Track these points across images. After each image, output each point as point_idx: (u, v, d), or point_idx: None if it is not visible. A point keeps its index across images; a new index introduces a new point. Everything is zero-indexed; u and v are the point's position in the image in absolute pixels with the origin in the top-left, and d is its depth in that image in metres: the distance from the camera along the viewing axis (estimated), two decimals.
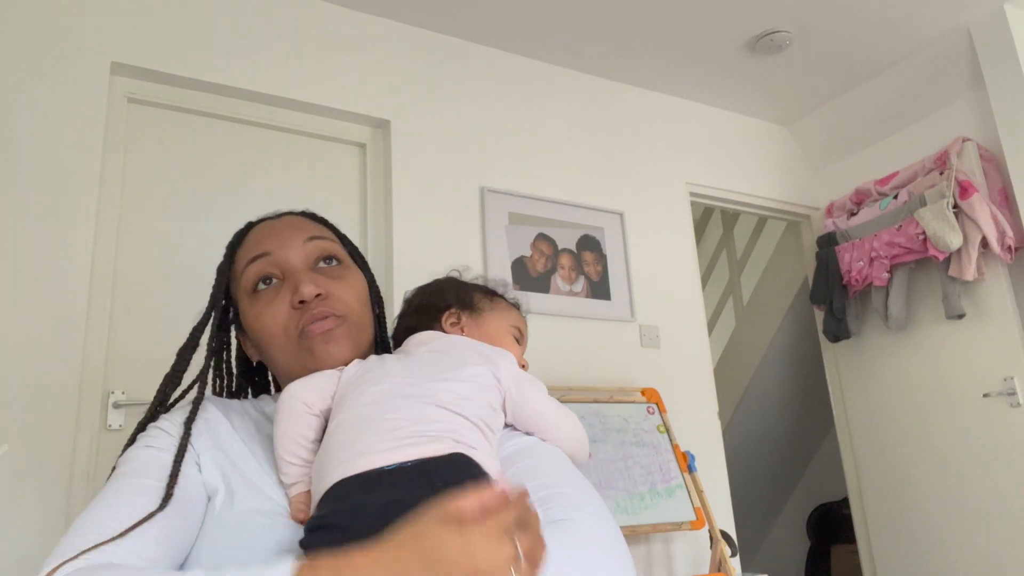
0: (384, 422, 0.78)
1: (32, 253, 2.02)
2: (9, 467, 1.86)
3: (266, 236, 0.97)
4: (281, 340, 0.92)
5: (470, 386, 0.85)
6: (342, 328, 0.92)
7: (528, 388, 0.92)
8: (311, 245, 0.96)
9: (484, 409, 0.85)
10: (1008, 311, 2.87)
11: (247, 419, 0.93)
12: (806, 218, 3.74)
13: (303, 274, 0.92)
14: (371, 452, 0.75)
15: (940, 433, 3.08)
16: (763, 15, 2.89)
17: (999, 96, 2.91)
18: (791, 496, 4.61)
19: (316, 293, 0.90)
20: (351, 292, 0.95)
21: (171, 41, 2.37)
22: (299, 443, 0.84)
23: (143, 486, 0.80)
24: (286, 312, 0.91)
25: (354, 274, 0.99)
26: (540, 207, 2.91)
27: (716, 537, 2.52)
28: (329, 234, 1.01)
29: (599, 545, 0.74)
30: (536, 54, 3.07)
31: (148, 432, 0.89)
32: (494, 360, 0.91)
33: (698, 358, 3.11)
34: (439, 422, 0.78)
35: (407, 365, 0.88)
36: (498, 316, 1.05)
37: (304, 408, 0.85)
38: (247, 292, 0.95)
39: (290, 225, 0.99)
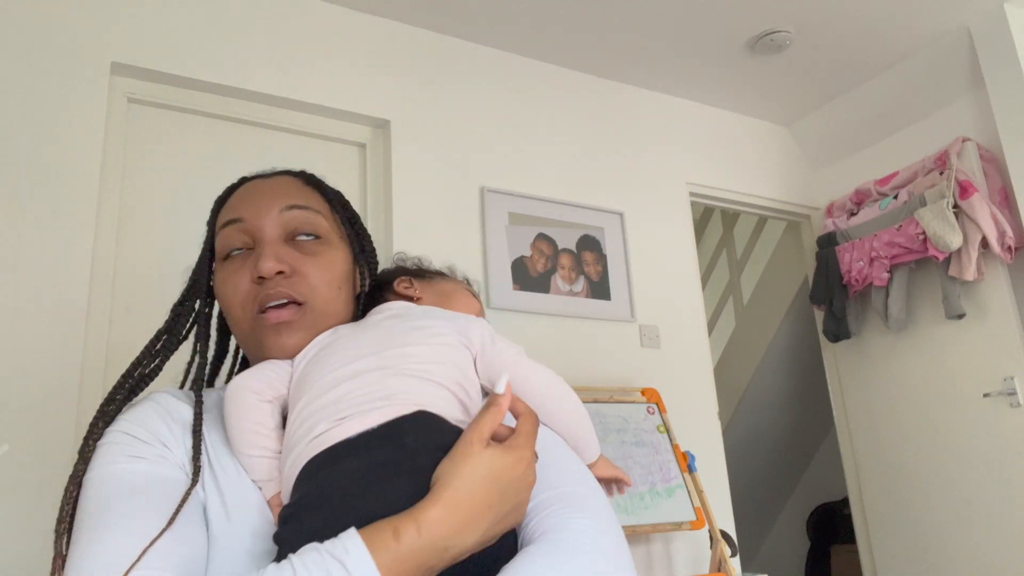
0: (345, 398, 0.75)
1: (32, 253, 2.02)
2: (9, 467, 1.86)
3: (246, 199, 0.91)
4: (238, 314, 0.86)
5: (435, 350, 0.80)
6: (300, 319, 0.84)
7: (497, 344, 0.86)
8: (288, 215, 0.89)
9: (454, 371, 0.80)
10: (1008, 311, 2.88)
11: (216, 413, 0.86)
12: (806, 218, 3.74)
13: (268, 247, 0.85)
14: (334, 428, 0.72)
15: (940, 433, 3.08)
16: (763, 15, 2.89)
17: (999, 96, 2.91)
18: (791, 496, 4.61)
19: (278, 270, 0.84)
20: (322, 273, 0.87)
21: (171, 41, 2.37)
22: (258, 432, 0.79)
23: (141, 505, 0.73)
24: (246, 285, 0.85)
25: (332, 251, 0.90)
26: (540, 207, 2.91)
27: (716, 537, 2.52)
28: (316, 202, 0.93)
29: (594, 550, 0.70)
30: (536, 54, 3.07)
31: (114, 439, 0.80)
32: (460, 321, 0.86)
33: (698, 358, 3.11)
34: (404, 391, 0.75)
35: (365, 334, 0.83)
36: (449, 280, 1.06)
37: (254, 396, 0.80)
38: (219, 256, 0.90)
39: (274, 189, 0.92)
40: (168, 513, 0.72)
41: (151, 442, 0.79)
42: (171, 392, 0.87)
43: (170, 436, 0.80)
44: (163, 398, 0.85)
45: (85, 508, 0.74)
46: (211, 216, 0.94)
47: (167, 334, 0.92)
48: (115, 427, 0.82)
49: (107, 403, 0.85)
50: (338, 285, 0.89)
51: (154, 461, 0.77)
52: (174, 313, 0.93)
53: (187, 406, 0.84)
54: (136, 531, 0.69)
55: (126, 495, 0.73)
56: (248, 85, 2.45)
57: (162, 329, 0.92)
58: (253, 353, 0.87)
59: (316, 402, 0.76)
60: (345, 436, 0.71)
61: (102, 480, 0.76)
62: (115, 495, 0.73)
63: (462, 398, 0.79)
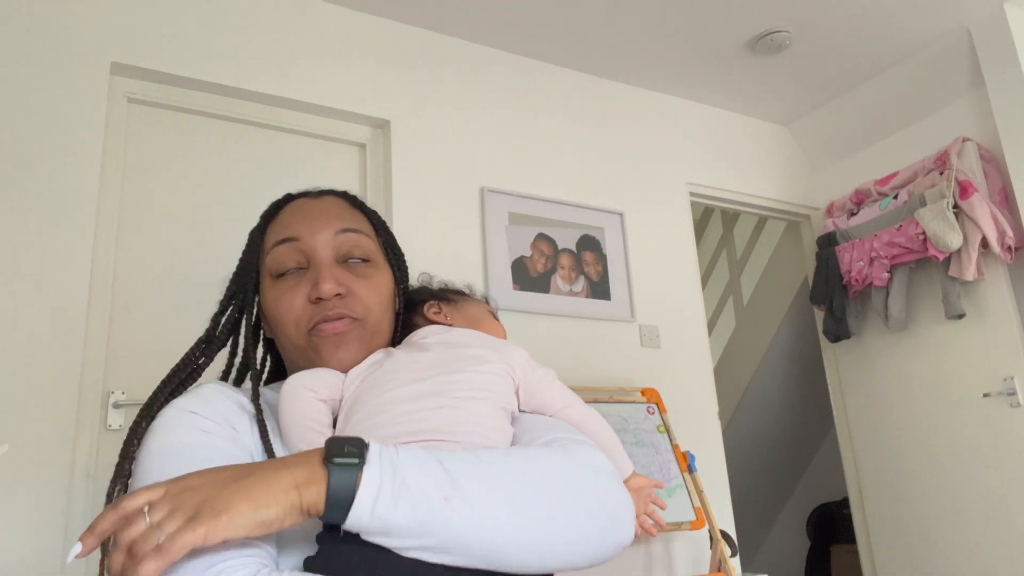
0: (406, 421, 0.78)
1: (32, 253, 2.02)
2: (9, 467, 1.86)
3: (299, 218, 0.93)
4: (292, 332, 0.89)
5: (487, 377, 0.86)
6: (355, 332, 0.89)
7: (539, 373, 0.92)
8: (342, 238, 0.92)
9: (504, 397, 0.86)
10: (1008, 311, 2.87)
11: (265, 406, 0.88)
12: (806, 218, 3.74)
13: (326, 269, 0.89)
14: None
15: (940, 433, 3.08)
16: (763, 15, 2.89)
17: (999, 96, 2.91)
18: (791, 496, 4.61)
19: (336, 292, 0.87)
20: (374, 293, 0.91)
21: (171, 41, 2.37)
22: (313, 429, 0.81)
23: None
24: (302, 304, 0.88)
25: (381, 273, 0.95)
26: (540, 207, 2.91)
27: (716, 537, 2.52)
28: (364, 226, 0.97)
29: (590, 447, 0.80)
30: (536, 54, 3.07)
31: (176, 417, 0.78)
32: (504, 350, 0.92)
33: (698, 358, 3.11)
34: (463, 423, 0.79)
35: (419, 359, 0.87)
36: (473, 304, 1.09)
37: (311, 394, 0.82)
38: (270, 273, 0.92)
39: (326, 211, 0.94)
40: None
41: (219, 422, 0.79)
42: (221, 385, 0.88)
43: (237, 419, 0.81)
44: (222, 388, 0.86)
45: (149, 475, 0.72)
46: (257, 230, 0.96)
47: (207, 343, 0.94)
48: (176, 406, 0.80)
49: (149, 405, 0.85)
50: (386, 306, 0.94)
51: (225, 438, 0.78)
52: (214, 322, 0.95)
53: (241, 395, 0.86)
54: None
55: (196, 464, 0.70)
56: (248, 85, 2.45)
57: (202, 338, 0.94)
58: (302, 367, 0.88)
59: (376, 418, 0.79)
60: None
61: (174, 453, 0.74)
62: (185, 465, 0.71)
63: (507, 420, 0.85)
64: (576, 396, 0.95)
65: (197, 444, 0.75)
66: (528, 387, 0.90)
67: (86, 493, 1.96)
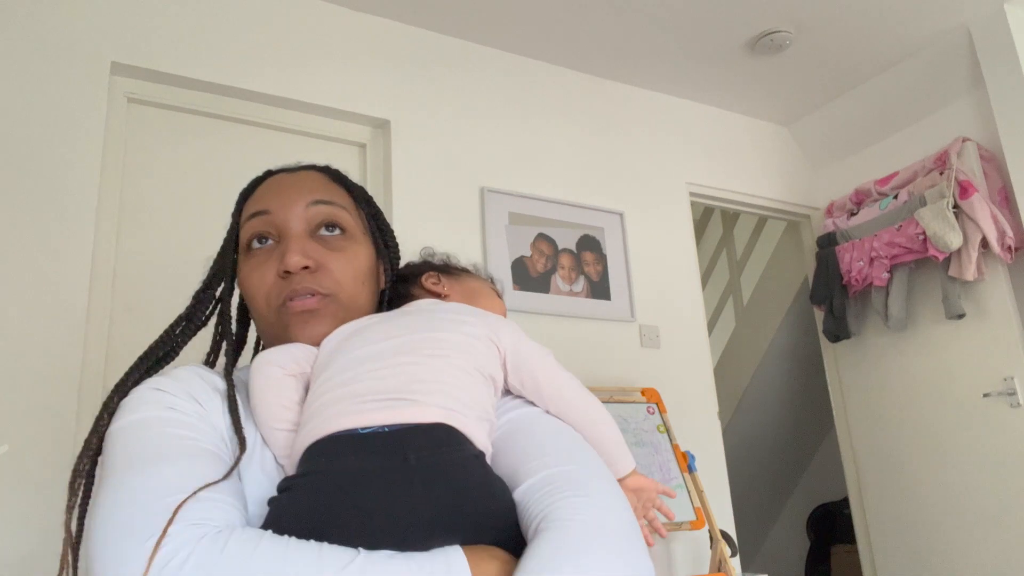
0: (368, 378, 0.75)
1: (32, 253, 2.02)
2: (9, 467, 1.86)
3: (273, 192, 0.92)
4: (262, 307, 0.87)
5: (463, 338, 0.82)
6: (325, 308, 0.86)
7: (529, 347, 0.87)
8: (314, 210, 0.89)
9: (482, 359, 0.81)
10: (1008, 311, 2.87)
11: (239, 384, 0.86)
12: (806, 218, 3.74)
13: (295, 241, 0.86)
14: (349, 412, 0.72)
15: (940, 433, 3.08)
16: (763, 15, 2.89)
17: (999, 96, 2.91)
18: (791, 496, 4.61)
19: (303, 265, 0.85)
20: (347, 267, 0.88)
21: (171, 41, 2.36)
22: (282, 405, 0.79)
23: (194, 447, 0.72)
24: (272, 278, 0.86)
25: (357, 246, 0.92)
26: (540, 207, 2.91)
27: (716, 537, 2.52)
28: (341, 198, 0.93)
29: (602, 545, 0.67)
30: (536, 54, 3.07)
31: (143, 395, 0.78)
32: (490, 319, 0.88)
33: (698, 358, 3.11)
34: (428, 382, 0.75)
35: (397, 321, 0.84)
36: (474, 279, 1.06)
37: (279, 371, 0.81)
38: (244, 247, 0.91)
39: (300, 183, 0.92)
40: (211, 463, 0.71)
41: (186, 399, 0.78)
42: (197, 368, 0.87)
43: (207, 398, 0.80)
44: (195, 369, 0.85)
45: (123, 451, 0.71)
46: (236, 207, 0.95)
47: (187, 320, 0.93)
48: (144, 385, 0.80)
49: (123, 383, 0.84)
50: (362, 280, 0.90)
51: (193, 415, 0.76)
52: (195, 300, 0.94)
53: (217, 377, 0.85)
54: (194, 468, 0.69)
55: (170, 439, 0.72)
56: (248, 85, 2.45)
57: (183, 315, 0.93)
58: (276, 342, 0.87)
59: (337, 377, 0.77)
60: (354, 426, 0.71)
61: (141, 425, 0.74)
62: (155, 437, 0.72)
63: (482, 385, 0.79)
64: (572, 378, 0.89)
65: (162, 418, 0.74)
66: (515, 360, 0.85)
67: None
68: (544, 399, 0.86)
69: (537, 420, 0.84)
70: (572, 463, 0.76)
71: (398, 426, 0.71)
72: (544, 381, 0.86)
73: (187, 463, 0.69)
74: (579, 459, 0.77)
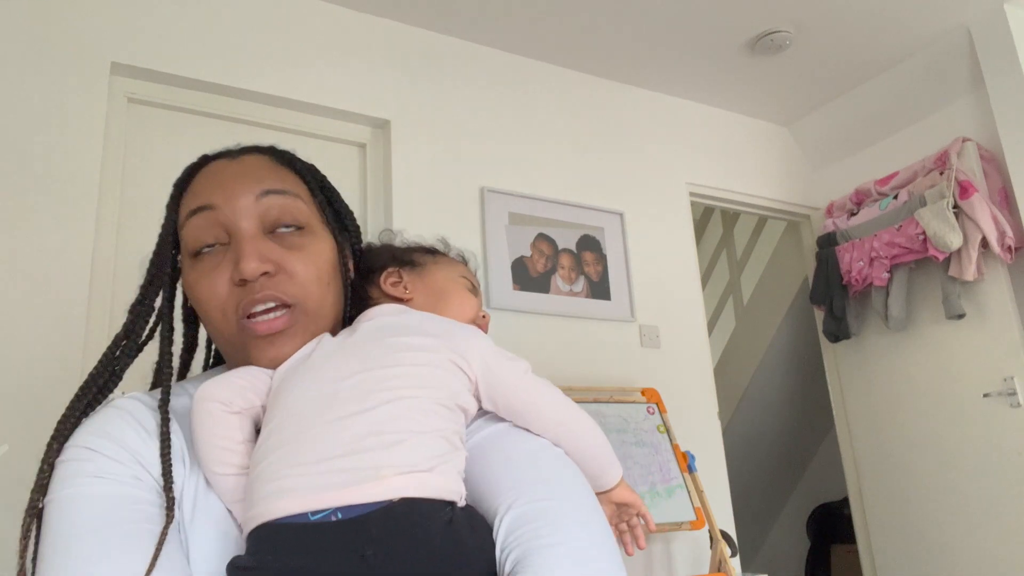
0: (314, 440, 0.67)
1: (32, 253, 2.02)
2: (9, 467, 1.86)
3: (215, 182, 0.80)
4: (218, 321, 0.77)
5: (429, 369, 0.73)
6: (293, 325, 0.76)
7: (503, 367, 0.77)
8: (266, 202, 0.78)
9: (448, 391, 0.73)
10: (1008, 311, 2.87)
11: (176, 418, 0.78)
12: (806, 218, 3.74)
13: (248, 243, 0.75)
14: (295, 489, 0.64)
15: (940, 433, 3.08)
16: (763, 15, 2.89)
17: (999, 96, 2.91)
18: (791, 496, 4.61)
19: (262, 271, 0.74)
20: (311, 268, 0.78)
21: (171, 41, 2.36)
22: (226, 448, 0.71)
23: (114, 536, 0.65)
24: (225, 287, 0.75)
25: (318, 241, 0.81)
26: (540, 207, 2.91)
27: (716, 537, 2.52)
28: (294, 185, 0.82)
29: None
30: (536, 54, 3.07)
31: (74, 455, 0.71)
32: (456, 339, 0.77)
33: (698, 358, 3.11)
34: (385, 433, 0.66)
35: (347, 349, 0.75)
36: (443, 268, 0.93)
37: (220, 407, 0.72)
38: (188, 252, 0.79)
39: (245, 171, 0.80)
40: (145, 547, 0.65)
41: (119, 458, 0.70)
42: (138, 397, 0.78)
43: (145, 450, 0.72)
44: (130, 404, 0.76)
45: (48, 543, 0.67)
46: (171, 200, 0.84)
47: (126, 339, 0.83)
48: (75, 440, 0.72)
49: (63, 421, 0.75)
50: (327, 280, 0.80)
51: (126, 482, 0.69)
52: (132, 314, 0.84)
53: (159, 412, 0.76)
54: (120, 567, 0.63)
55: (97, 531, 0.65)
56: (248, 85, 2.45)
57: (120, 334, 0.83)
58: (235, 359, 0.79)
59: (282, 432, 0.69)
60: (302, 509, 0.64)
61: (63, 508, 0.68)
62: (82, 528, 0.65)
63: (448, 434, 0.70)
64: (551, 388, 0.80)
65: (89, 498, 0.67)
66: (487, 384, 0.77)
67: None
68: (523, 421, 0.79)
69: (508, 439, 0.77)
70: (548, 497, 0.70)
71: (352, 511, 0.63)
72: (521, 404, 0.78)
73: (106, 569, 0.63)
74: (556, 491, 0.71)
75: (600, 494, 0.84)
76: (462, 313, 0.90)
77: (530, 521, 0.67)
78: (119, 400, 0.78)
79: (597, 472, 0.82)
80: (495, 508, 0.70)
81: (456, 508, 0.68)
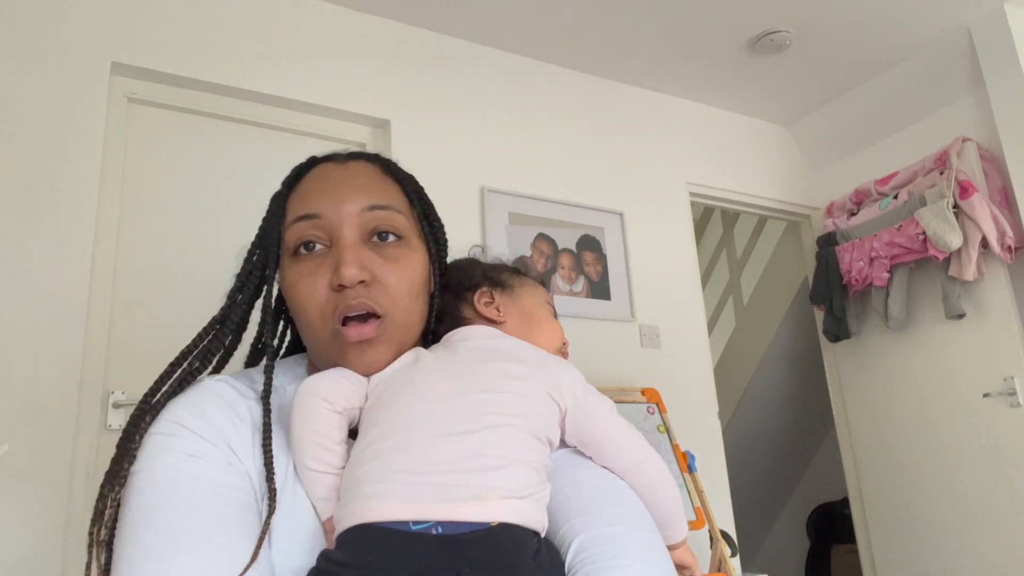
0: (420, 449, 0.69)
1: (32, 253, 2.02)
2: (9, 467, 1.86)
3: (322, 191, 0.82)
4: (316, 322, 0.79)
5: (526, 400, 0.75)
6: (382, 334, 0.78)
7: (591, 403, 0.80)
8: (370, 216, 0.81)
9: (540, 422, 0.75)
10: (1008, 311, 2.87)
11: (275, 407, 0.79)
12: (806, 218, 3.74)
13: (349, 251, 0.78)
14: (399, 495, 0.66)
15: (940, 433, 3.08)
16: (763, 15, 2.89)
17: (999, 96, 2.91)
18: (791, 496, 4.61)
19: (360, 279, 0.77)
20: (403, 279, 0.81)
21: (171, 41, 2.36)
22: (323, 446, 0.73)
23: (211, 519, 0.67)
24: (324, 291, 0.78)
25: (413, 253, 0.84)
26: (540, 207, 2.91)
27: (716, 537, 2.52)
28: (395, 197, 0.86)
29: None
30: (536, 54, 3.07)
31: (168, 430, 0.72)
32: (551, 370, 0.80)
33: (698, 358, 3.11)
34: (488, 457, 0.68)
35: (452, 369, 0.78)
36: (530, 292, 0.96)
37: (325, 405, 0.74)
38: (288, 251, 0.82)
39: (353, 181, 0.83)
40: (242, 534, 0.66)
41: (215, 441, 0.72)
42: (227, 380, 0.80)
43: (236, 436, 0.74)
44: (220, 387, 0.78)
45: (136, 517, 0.67)
46: (278, 198, 0.86)
47: (220, 324, 0.84)
48: (169, 415, 0.74)
49: (151, 394, 0.77)
50: (416, 293, 0.83)
51: (218, 465, 0.71)
52: (231, 299, 0.85)
53: (250, 400, 0.78)
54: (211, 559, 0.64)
55: (191, 510, 0.66)
56: (248, 85, 2.45)
57: (217, 317, 0.84)
58: (325, 358, 0.81)
59: (386, 441, 0.70)
60: (405, 518, 0.65)
61: (156, 480, 0.68)
62: (176, 507, 0.66)
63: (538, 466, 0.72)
64: (634, 430, 0.82)
65: (183, 475, 0.69)
66: (577, 418, 0.78)
67: (86, 493, 1.95)
68: (603, 458, 0.80)
69: (575, 463, 0.79)
70: (616, 522, 0.72)
71: (453, 527, 0.64)
72: (605, 440, 0.80)
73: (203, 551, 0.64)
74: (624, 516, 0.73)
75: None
76: (551, 340, 0.93)
77: (599, 544, 0.69)
78: (208, 381, 0.79)
79: (665, 523, 0.82)
80: (563, 531, 0.72)
81: (541, 540, 0.69)
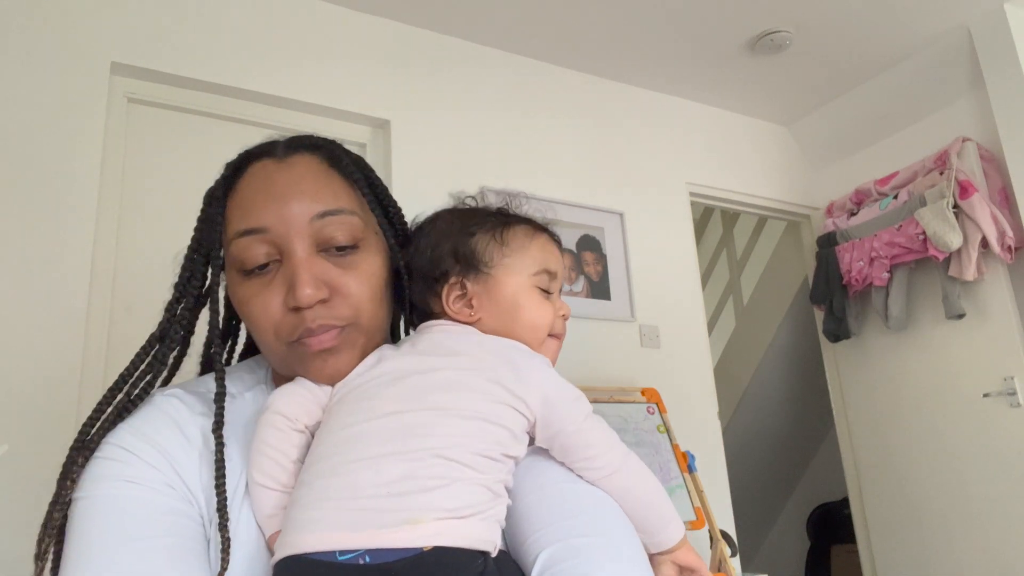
0: (351, 475, 0.65)
1: (32, 253, 2.02)
2: (9, 467, 1.86)
3: (265, 201, 0.76)
4: (270, 341, 0.75)
5: (471, 423, 0.69)
6: (345, 340, 0.74)
7: (562, 406, 0.74)
8: (320, 224, 0.75)
9: (496, 437, 0.70)
10: (1008, 311, 2.87)
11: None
12: (806, 218, 3.74)
13: (303, 270, 0.72)
14: (326, 522, 0.63)
15: (940, 433, 3.08)
16: (763, 15, 2.89)
17: (999, 96, 2.91)
18: (791, 496, 4.61)
19: (318, 299, 0.73)
20: (364, 287, 0.76)
21: (171, 41, 2.36)
22: (277, 462, 0.70)
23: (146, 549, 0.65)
24: (279, 310, 0.73)
25: (372, 256, 0.78)
26: (540, 207, 2.90)
27: (716, 537, 2.52)
28: (346, 198, 0.78)
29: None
30: (536, 54, 3.07)
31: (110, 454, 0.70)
32: (520, 371, 0.74)
33: (698, 358, 3.11)
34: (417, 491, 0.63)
35: (401, 381, 0.72)
36: (514, 268, 0.82)
37: (285, 423, 0.72)
38: (234, 265, 0.77)
39: (298, 185, 0.76)
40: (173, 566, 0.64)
41: (157, 464, 0.70)
42: (177, 395, 0.77)
43: (183, 457, 0.71)
44: (169, 405, 0.76)
45: (75, 544, 0.66)
46: (217, 204, 0.80)
47: (160, 341, 0.79)
48: (112, 438, 0.72)
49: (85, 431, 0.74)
50: (380, 297, 0.78)
51: (159, 490, 0.69)
52: (170, 312, 0.80)
53: (200, 416, 0.75)
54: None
55: (125, 537, 0.65)
56: (248, 85, 2.45)
57: (155, 334, 0.80)
58: (287, 368, 0.77)
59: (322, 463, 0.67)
60: (331, 548, 0.62)
61: (95, 508, 0.67)
62: (112, 534, 0.65)
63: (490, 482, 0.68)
64: (610, 432, 0.77)
65: (121, 502, 0.67)
66: (547, 422, 0.74)
67: None
68: (577, 465, 0.76)
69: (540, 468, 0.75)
70: (584, 534, 0.68)
71: (381, 555, 0.60)
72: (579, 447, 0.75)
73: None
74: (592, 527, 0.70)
75: (662, 554, 0.79)
76: (535, 329, 0.83)
77: (566, 558, 0.66)
78: (158, 398, 0.77)
79: (657, 525, 0.77)
80: (528, 543, 0.69)
81: (488, 559, 0.65)
